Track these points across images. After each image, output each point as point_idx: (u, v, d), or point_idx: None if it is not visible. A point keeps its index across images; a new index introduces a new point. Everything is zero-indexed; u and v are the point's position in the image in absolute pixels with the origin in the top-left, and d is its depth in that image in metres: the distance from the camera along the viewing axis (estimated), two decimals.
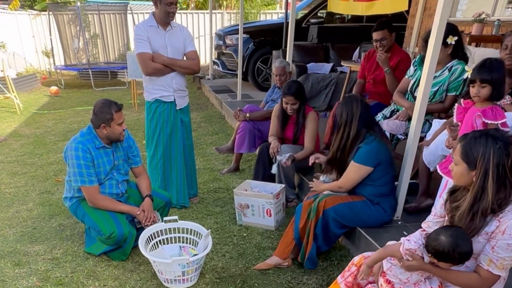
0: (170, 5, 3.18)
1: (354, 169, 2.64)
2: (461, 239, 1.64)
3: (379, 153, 2.60)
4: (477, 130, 1.93)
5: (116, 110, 2.79)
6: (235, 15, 13.68)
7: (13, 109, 7.68)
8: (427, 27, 5.34)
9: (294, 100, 3.52)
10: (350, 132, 2.66)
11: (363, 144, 2.61)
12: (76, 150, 2.76)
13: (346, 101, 2.73)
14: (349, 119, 2.65)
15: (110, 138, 2.86)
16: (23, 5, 15.30)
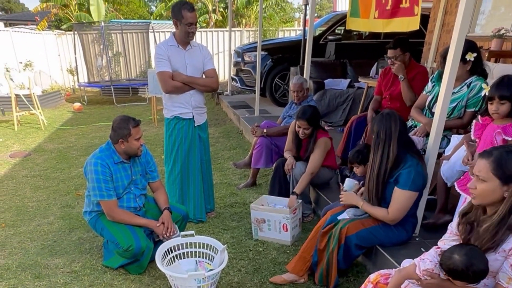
0: (189, 25, 3.27)
1: (404, 197, 2.47)
2: (476, 258, 1.61)
3: (423, 177, 2.52)
4: (506, 145, 1.87)
5: (133, 125, 2.85)
6: (253, 33, 13.89)
7: (37, 124, 7.93)
8: (445, 43, 5.32)
9: (307, 126, 3.49)
10: (389, 152, 2.48)
11: (409, 168, 2.45)
12: (96, 165, 2.83)
13: (383, 119, 2.54)
14: (388, 138, 2.48)
15: (128, 153, 2.93)
16: (50, 25, 15.94)
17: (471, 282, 1.65)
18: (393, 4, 3.54)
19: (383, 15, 3.77)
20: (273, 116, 6.46)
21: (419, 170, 2.49)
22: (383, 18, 3.77)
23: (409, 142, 2.61)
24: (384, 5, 3.70)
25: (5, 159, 5.87)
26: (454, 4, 5.31)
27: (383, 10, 3.74)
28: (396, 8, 3.52)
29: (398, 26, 3.57)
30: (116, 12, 17.69)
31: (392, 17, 3.62)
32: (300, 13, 20.32)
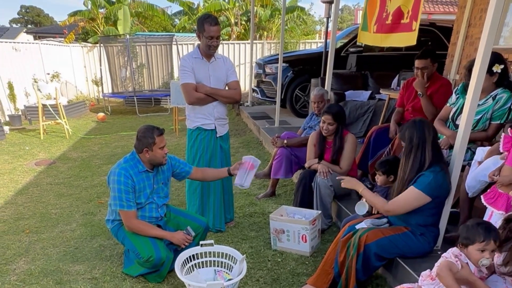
0: (210, 38, 3.32)
1: (412, 195, 2.48)
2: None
3: (443, 186, 2.50)
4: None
5: (158, 134, 2.90)
6: (275, 45, 14.00)
7: (62, 134, 8.15)
8: (469, 55, 5.23)
9: (332, 120, 3.54)
10: (424, 158, 2.49)
11: (429, 172, 2.47)
12: (119, 176, 2.88)
13: (416, 124, 2.56)
14: (421, 143, 2.50)
15: (152, 161, 2.97)
16: (77, 38, 16.47)
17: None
18: (394, 19, 3.54)
19: (382, 30, 3.77)
20: (293, 127, 6.46)
21: (439, 178, 2.47)
22: (382, 32, 3.77)
23: (439, 151, 2.62)
24: (384, 20, 3.70)
25: (30, 167, 6.04)
26: (478, 16, 5.24)
27: (382, 24, 3.74)
28: (396, 23, 3.52)
29: (396, 41, 3.56)
30: (141, 25, 18.14)
31: (391, 32, 3.61)
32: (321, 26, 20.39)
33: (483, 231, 1.91)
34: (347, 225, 2.85)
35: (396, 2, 3.52)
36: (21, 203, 4.63)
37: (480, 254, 1.90)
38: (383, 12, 3.75)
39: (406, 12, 3.41)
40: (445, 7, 14.28)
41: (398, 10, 3.48)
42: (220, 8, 16.18)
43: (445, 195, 2.56)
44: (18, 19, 53.54)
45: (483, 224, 1.95)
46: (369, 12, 4.10)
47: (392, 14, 3.60)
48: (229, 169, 3.25)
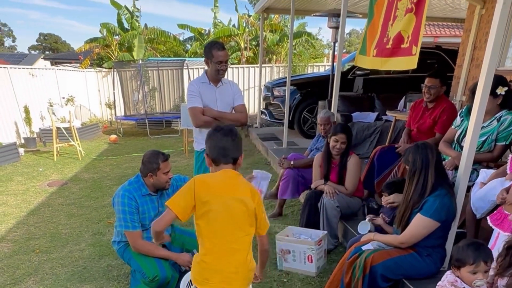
0: (219, 63, 3.42)
1: (422, 224, 2.48)
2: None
3: (449, 209, 2.50)
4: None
5: (162, 160, 2.96)
6: (283, 68, 14.21)
7: (75, 155, 8.31)
8: (474, 77, 5.27)
9: (345, 139, 3.61)
10: (427, 181, 2.51)
11: (433, 197, 2.48)
12: (123, 198, 2.94)
13: (419, 148, 2.59)
14: (424, 166, 2.52)
15: (156, 186, 3.02)
16: (92, 63, 16.96)
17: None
18: (394, 43, 3.62)
19: (382, 54, 3.84)
20: (301, 148, 6.51)
21: (445, 201, 2.47)
22: (382, 56, 3.85)
23: (444, 173, 2.64)
24: (384, 44, 3.78)
25: (43, 188, 6.16)
26: (483, 39, 5.30)
27: (382, 48, 3.82)
28: (396, 47, 3.59)
29: (396, 65, 3.64)
30: (153, 50, 18.60)
31: (391, 56, 3.69)
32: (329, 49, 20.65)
33: (472, 253, 1.89)
34: (353, 246, 2.85)
35: (396, 27, 3.61)
36: (32, 223, 4.71)
37: (473, 276, 1.89)
38: (384, 37, 3.84)
39: (406, 37, 3.48)
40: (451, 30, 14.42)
41: (399, 35, 3.56)
42: (230, 33, 16.55)
43: (452, 217, 2.56)
44: (37, 46, 55.32)
45: (473, 245, 1.93)
46: (369, 36, 4.19)
47: (392, 39, 3.68)
48: None
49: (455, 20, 9.15)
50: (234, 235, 1.96)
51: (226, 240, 1.95)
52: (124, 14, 16.62)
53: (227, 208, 1.94)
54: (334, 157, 3.75)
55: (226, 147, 2.02)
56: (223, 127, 2.09)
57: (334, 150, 3.67)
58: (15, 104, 9.42)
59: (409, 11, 3.41)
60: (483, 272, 1.88)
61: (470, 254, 1.90)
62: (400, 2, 3.59)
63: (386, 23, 3.83)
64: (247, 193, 2.00)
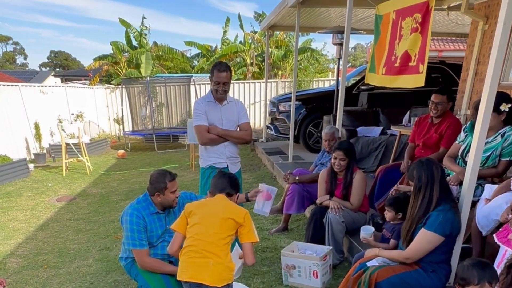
0: (217, 84, 3.51)
1: (427, 238, 2.48)
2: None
3: (453, 224, 2.50)
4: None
5: (170, 179, 3.00)
6: (289, 83, 14.32)
7: (84, 170, 8.41)
8: (479, 91, 5.30)
9: (343, 156, 3.63)
10: (432, 197, 2.51)
11: (436, 212, 2.48)
12: (131, 216, 2.97)
13: (424, 164, 2.60)
14: (430, 182, 2.52)
15: (163, 204, 3.06)
16: (101, 80, 17.25)
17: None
18: (402, 62, 3.68)
19: (390, 72, 3.91)
20: (306, 162, 6.53)
21: (449, 216, 2.48)
22: (391, 74, 3.91)
23: (447, 188, 2.65)
24: (393, 63, 3.85)
25: (52, 203, 6.24)
26: (486, 54, 5.34)
27: (391, 67, 3.88)
28: (404, 66, 3.65)
29: (405, 83, 3.69)
30: (161, 67, 18.88)
31: (399, 74, 3.75)
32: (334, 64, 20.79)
33: (477, 272, 1.87)
34: (358, 262, 2.84)
35: (403, 46, 3.67)
36: (41, 238, 4.77)
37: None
38: (391, 55, 3.90)
39: (413, 55, 3.54)
40: (455, 44, 14.44)
41: (406, 54, 3.62)
42: (236, 50, 16.77)
43: (457, 232, 2.56)
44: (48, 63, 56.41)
45: (478, 265, 1.92)
46: (376, 54, 4.25)
47: (400, 58, 3.74)
48: (246, 194, 3.26)
49: (459, 35, 9.20)
50: (213, 235, 2.37)
51: (205, 236, 2.38)
52: (133, 32, 16.96)
53: (210, 213, 2.45)
54: (339, 174, 3.78)
55: (224, 184, 2.61)
56: (225, 173, 2.75)
57: (335, 167, 3.71)
58: (25, 121, 9.60)
59: (414, 30, 3.47)
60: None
61: (475, 274, 1.88)
62: (404, 21, 3.67)
63: (392, 42, 3.89)
64: (234, 209, 2.50)
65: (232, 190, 2.62)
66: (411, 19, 3.45)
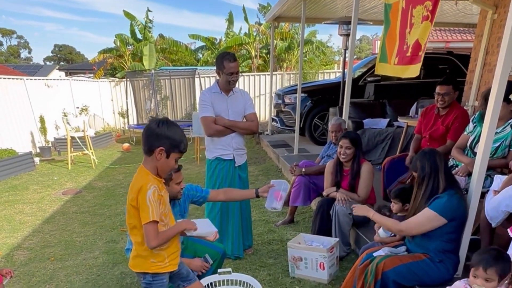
0: (230, 75, 3.48)
1: (427, 216, 2.48)
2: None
3: (458, 209, 2.49)
4: None
5: (175, 171, 2.99)
6: (294, 76, 14.24)
7: (89, 164, 8.43)
8: (487, 82, 5.22)
9: (349, 144, 3.60)
10: (438, 185, 2.53)
11: (444, 194, 2.49)
12: None
13: (427, 154, 2.62)
14: (434, 171, 2.53)
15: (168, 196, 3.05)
16: (105, 73, 17.23)
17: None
18: (413, 51, 3.63)
19: (403, 62, 3.85)
20: (312, 154, 6.50)
21: (453, 200, 2.48)
22: (403, 64, 3.86)
23: (452, 178, 2.64)
24: (405, 52, 3.79)
25: (58, 196, 6.26)
26: (495, 44, 5.26)
27: (403, 57, 3.83)
28: (415, 55, 3.60)
29: (412, 72, 3.64)
30: (165, 60, 18.82)
31: (410, 64, 3.70)
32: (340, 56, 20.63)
33: (479, 256, 1.90)
34: (365, 252, 2.84)
35: (414, 35, 3.61)
36: (47, 231, 4.79)
37: (473, 280, 1.89)
38: (403, 45, 3.84)
39: (423, 45, 3.49)
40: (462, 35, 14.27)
41: (416, 43, 3.56)
42: (241, 42, 16.66)
43: (462, 219, 2.54)
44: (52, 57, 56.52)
45: (487, 251, 1.95)
46: (388, 44, 4.18)
47: (411, 47, 3.69)
48: (257, 190, 3.19)
49: (467, 25, 9.08)
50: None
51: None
52: (137, 25, 16.89)
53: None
54: (345, 165, 3.75)
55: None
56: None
57: (341, 157, 3.68)
58: (30, 114, 9.62)
59: (425, 18, 3.41)
60: (483, 279, 1.87)
61: (477, 257, 1.92)
62: (414, 9, 3.60)
63: (403, 31, 3.84)
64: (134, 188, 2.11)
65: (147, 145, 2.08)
66: (422, 7, 3.38)
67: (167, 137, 2.06)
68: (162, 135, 2.05)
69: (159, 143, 2.04)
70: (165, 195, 2.26)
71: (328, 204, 3.72)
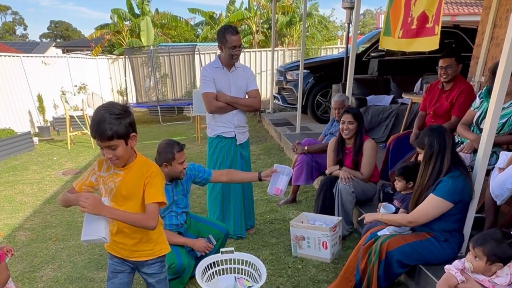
0: (233, 48, 3.37)
1: (433, 203, 2.44)
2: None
3: (463, 190, 2.45)
4: None
5: (178, 150, 2.92)
6: (296, 52, 14.01)
7: (89, 144, 8.37)
8: (494, 57, 5.09)
9: (352, 119, 3.53)
10: (443, 165, 2.47)
11: (447, 177, 2.44)
12: None
13: (436, 131, 2.55)
14: (441, 150, 2.47)
15: (171, 176, 3.00)
16: (103, 50, 16.98)
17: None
18: (419, 24, 3.50)
19: (407, 35, 3.73)
20: (314, 133, 6.43)
21: (459, 183, 2.43)
22: (407, 37, 3.73)
23: (458, 156, 2.59)
24: (409, 25, 3.66)
25: (58, 176, 6.23)
26: (503, 17, 5.09)
27: (408, 29, 3.70)
28: (421, 27, 3.47)
29: (420, 46, 3.53)
30: (164, 36, 18.52)
31: (416, 37, 3.57)
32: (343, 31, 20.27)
33: (476, 237, 1.92)
34: (369, 232, 2.81)
35: (420, 6, 3.48)
36: (48, 211, 4.77)
37: (467, 257, 1.91)
38: (408, 17, 3.72)
39: (431, 16, 3.37)
40: (469, 8, 13.92)
41: (423, 14, 3.44)
42: (242, 17, 16.35)
43: (467, 199, 2.50)
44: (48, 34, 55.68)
45: (486, 232, 1.99)
46: (392, 17, 4.05)
47: (417, 19, 3.56)
48: (260, 174, 3.10)
49: None
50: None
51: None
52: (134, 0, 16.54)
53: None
54: (347, 142, 3.68)
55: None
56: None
57: (343, 133, 3.60)
58: (28, 93, 9.51)
59: None
60: (472, 256, 1.89)
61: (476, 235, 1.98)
62: None
63: (408, 2, 3.70)
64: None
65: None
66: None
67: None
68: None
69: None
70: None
71: (331, 183, 3.67)
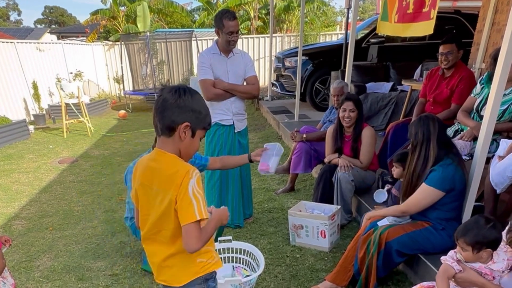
0: (230, 34, 3.30)
1: (425, 193, 2.47)
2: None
3: (454, 178, 2.44)
4: None
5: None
6: (294, 38, 13.85)
7: (85, 132, 8.30)
8: (495, 43, 5.02)
9: (353, 106, 3.49)
10: (429, 153, 2.48)
11: (438, 167, 2.44)
12: None
13: (421, 120, 2.57)
14: (426, 139, 2.49)
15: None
16: (99, 37, 16.75)
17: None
18: (415, 8, 3.44)
19: (403, 19, 3.67)
20: (313, 121, 6.37)
21: (449, 171, 2.44)
22: (403, 22, 3.67)
23: (448, 143, 2.59)
24: (405, 9, 3.60)
25: (54, 165, 6.18)
26: (505, 2, 5.00)
27: (403, 14, 3.64)
28: (418, 12, 3.41)
29: (416, 31, 3.48)
30: (161, 21, 18.28)
31: (412, 21, 3.51)
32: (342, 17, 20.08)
33: (458, 228, 1.92)
34: (369, 221, 2.79)
35: None
36: (45, 200, 4.73)
37: (457, 248, 1.90)
38: (403, 1, 3.64)
39: (428, 0, 3.29)
40: None
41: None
42: (240, 2, 16.11)
43: (460, 187, 2.50)
44: (43, 20, 54.91)
45: (464, 222, 2.02)
46: (389, 1, 3.97)
47: (413, 3, 3.49)
48: (249, 155, 2.92)
49: None
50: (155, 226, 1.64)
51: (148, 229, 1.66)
52: None
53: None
54: (346, 130, 3.63)
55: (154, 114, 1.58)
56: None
57: (344, 121, 3.56)
58: (23, 80, 9.38)
59: None
60: (459, 248, 1.88)
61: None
62: None
63: None
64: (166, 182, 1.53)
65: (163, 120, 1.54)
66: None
67: (192, 109, 1.54)
68: (185, 107, 1.53)
69: (182, 118, 1.52)
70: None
71: (331, 171, 3.63)
